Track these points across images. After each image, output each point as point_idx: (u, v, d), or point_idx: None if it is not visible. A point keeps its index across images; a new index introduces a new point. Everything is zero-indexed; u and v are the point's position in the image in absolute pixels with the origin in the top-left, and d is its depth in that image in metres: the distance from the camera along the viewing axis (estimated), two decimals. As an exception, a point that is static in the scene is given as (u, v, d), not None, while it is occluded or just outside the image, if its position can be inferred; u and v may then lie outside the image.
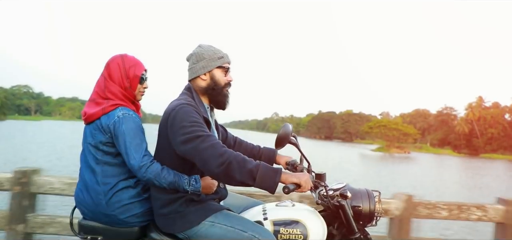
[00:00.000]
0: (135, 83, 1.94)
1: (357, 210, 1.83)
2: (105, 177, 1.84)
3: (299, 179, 1.64)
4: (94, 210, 1.86)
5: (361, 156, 48.83)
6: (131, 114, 1.86)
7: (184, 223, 1.77)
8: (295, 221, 1.80)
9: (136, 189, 1.89)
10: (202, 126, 1.70)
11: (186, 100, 1.80)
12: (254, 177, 1.59)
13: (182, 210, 1.78)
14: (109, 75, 1.92)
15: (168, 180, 1.73)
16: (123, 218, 1.84)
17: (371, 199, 1.85)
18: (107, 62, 1.95)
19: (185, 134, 1.66)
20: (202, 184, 1.80)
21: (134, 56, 2.00)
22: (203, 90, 1.90)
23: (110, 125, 1.82)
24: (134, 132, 1.81)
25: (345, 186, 1.89)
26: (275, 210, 1.88)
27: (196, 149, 1.63)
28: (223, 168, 1.59)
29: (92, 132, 1.87)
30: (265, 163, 1.64)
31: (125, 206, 1.84)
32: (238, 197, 2.19)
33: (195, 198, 1.80)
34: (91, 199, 1.86)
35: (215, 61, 1.88)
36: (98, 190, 1.84)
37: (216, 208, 1.82)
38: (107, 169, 1.85)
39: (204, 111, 1.85)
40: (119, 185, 1.85)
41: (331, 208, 1.84)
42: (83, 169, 1.91)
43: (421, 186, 20.31)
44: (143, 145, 1.80)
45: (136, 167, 1.75)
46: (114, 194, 1.83)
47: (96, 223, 1.89)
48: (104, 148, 1.85)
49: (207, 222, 1.77)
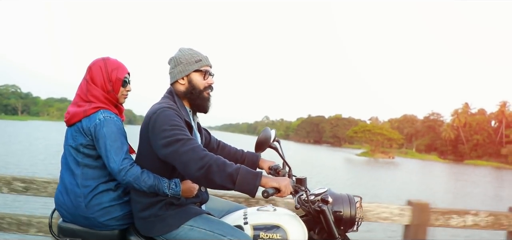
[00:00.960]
0: (117, 86, 1.94)
1: (338, 215, 1.84)
2: (85, 180, 1.83)
3: (279, 184, 1.65)
4: (74, 213, 1.85)
5: (345, 160, 49.41)
6: (112, 117, 1.86)
7: (163, 227, 1.77)
8: (275, 225, 1.81)
9: (116, 192, 1.88)
10: (183, 130, 1.71)
11: (167, 104, 1.81)
12: (234, 181, 1.59)
13: (162, 213, 1.78)
14: (91, 78, 1.91)
15: (148, 183, 1.73)
16: (103, 221, 1.84)
17: (352, 204, 1.86)
18: (89, 65, 1.95)
19: (165, 137, 1.66)
20: (182, 187, 1.80)
21: (116, 59, 2.00)
22: (182, 94, 1.91)
23: (91, 128, 1.82)
24: (115, 135, 1.80)
25: (326, 191, 1.91)
26: (256, 215, 1.89)
27: (176, 152, 1.64)
28: (203, 172, 1.59)
29: (73, 134, 1.87)
30: (245, 167, 1.65)
31: (105, 209, 1.84)
32: (220, 201, 2.19)
33: (175, 201, 1.80)
34: (70, 202, 1.85)
35: (192, 65, 1.89)
36: (78, 193, 1.83)
37: (195, 212, 1.82)
38: (87, 172, 1.85)
39: (185, 114, 1.86)
40: (99, 187, 1.84)
41: (312, 213, 1.84)
42: (63, 171, 1.91)
43: (399, 190, 20.67)
44: (123, 148, 1.80)
45: (116, 170, 1.75)
46: (94, 196, 1.83)
47: (75, 226, 1.88)
48: (85, 150, 1.85)
49: (187, 226, 1.77)
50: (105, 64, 1.93)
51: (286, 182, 1.67)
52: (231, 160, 2.12)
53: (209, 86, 1.94)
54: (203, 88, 1.91)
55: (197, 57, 1.90)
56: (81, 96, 1.90)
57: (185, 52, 1.91)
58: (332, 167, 34.23)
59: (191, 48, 1.96)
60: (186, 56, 1.90)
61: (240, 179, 1.59)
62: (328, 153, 64.73)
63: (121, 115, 2.00)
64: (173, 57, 1.93)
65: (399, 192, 20.18)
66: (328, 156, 54.62)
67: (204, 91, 1.91)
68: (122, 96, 1.99)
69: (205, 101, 1.93)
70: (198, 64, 1.89)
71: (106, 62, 1.94)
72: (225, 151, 2.28)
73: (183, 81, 1.90)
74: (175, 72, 1.90)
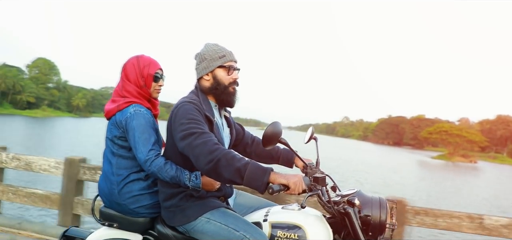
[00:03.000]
0: (149, 81, 2.04)
1: (366, 219, 1.72)
2: (118, 169, 1.95)
3: (288, 181, 1.56)
4: (110, 199, 1.99)
5: (418, 163, 46.30)
6: (142, 110, 1.95)
7: (182, 217, 1.81)
8: (295, 225, 1.74)
9: (146, 182, 1.97)
10: (199, 124, 1.72)
11: (189, 98, 1.85)
12: (242, 176, 1.56)
13: (182, 204, 1.82)
14: (125, 75, 2.04)
15: (170, 174, 1.79)
16: (133, 208, 1.93)
17: (382, 208, 1.72)
18: (124, 63, 2.08)
19: (182, 131, 1.70)
20: (203, 181, 1.82)
21: (150, 56, 2.11)
22: (207, 89, 1.93)
23: (123, 121, 1.93)
24: (143, 127, 1.89)
25: (355, 193, 1.79)
26: (279, 213, 1.84)
27: (189, 145, 1.66)
28: (212, 165, 1.59)
29: (110, 127, 2.00)
30: (255, 162, 1.60)
31: (135, 197, 1.93)
32: (249, 197, 2.17)
33: (194, 194, 1.83)
34: (107, 189, 1.99)
35: (216, 61, 1.90)
36: (112, 180, 1.96)
37: (214, 205, 1.83)
38: (121, 162, 1.96)
39: (207, 109, 1.86)
40: (130, 177, 1.95)
41: (336, 215, 1.76)
42: (104, 161, 2.05)
43: (470, 201, 18.77)
44: (151, 139, 1.88)
45: (142, 160, 1.84)
46: (126, 184, 1.94)
47: (113, 212, 2.00)
48: (119, 142, 1.96)
49: (204, 218, 1.79)
50: (137, 61, 2.06)
51: (297, 180, 1.58)
52: (266, 156, 2.16)
53: (234, 81, 1.94)
54: (228, 83, 1.92)
55: (221, 53, 1.91)
56: (117, 92, 2.05)
57: (209, 48, 1.93)
58: (394, 170, 32.64)
59: (217, 43, 1.97)
60: (210, 52, 1.92)
61: (248, 174, 1.55)
62: (401, 155, 60.92)
63: (154, 109, 2.10)
64: (198, 53, 1.96)
65: (468, 203, 18.08)
66: (398, 158, 51.71)
67: (229, 86, 1.92)
68: (155, 90, 2.09)
69: (230, 96, 1.94)
70: (222, 60, 1.90)
71: (139, 59, 2.07)
72: (260, 147, 2.25)
73: (208, 77, 1.92)
74: (200, 68, 1.94)
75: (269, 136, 1.66)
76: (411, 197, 2.81)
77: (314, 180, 1.67)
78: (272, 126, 1.67)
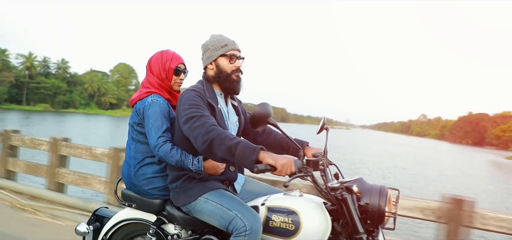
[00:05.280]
0: (170, 74, 2.18)
1: (365, 207, 1.66)
2: (136, 153, 2.12)
3: (276, 161, 1.55)
4: (128, 181, 2.16)
5: (491, 164, 41.94)
6: (159, 100, 2.08)
7: (185, 198, 1.93)
8: (291, 210, 1.74)
9: (159, 166, 2.10)
10: (199, 108, 1.81)
11: (194, 87, 1.96)
12: (233, 154, 1.60)
13: (185, 185, 1.94)
14: (150, 68, 2.21)
15: (175, 159, 1.90)
16: (147, 189, 2.09)
17: (382, 196, 1.65)
18: (149, 58, 2.24)
19: (184, 115, 1.80)
20: (206, 165, 1.91)
21: (174, 51, 2.25)
22: (212, 78, 2.01)
23: (141, 109, 2.09)
24: (157, 115, 2.02)
25: (355, 180, 1.75)
26: (278, 199, 1.86)
27: (190, 128, 1.76)
28: (206, 145, 1.66)
29: (132, 114, 2.17)
30: (246, 141, 1.63)
31: (148, 179, 2.08)
32: (257, 184, 2.21)
33: (196, 176, 1.93)
34: (126, 171, 2.17)
35: (218, 50, 1.97)
36: (130, 163, 2.13)
37: (213, 186, 1.91)
38: (138, 146, 2.13)
39: (211, 96, 1.94)
40: (145, 160, 2.10)
41: (333, 201, 1.73)
42: (126, 145, 2.23)
43: None
44: (163, 127, 2.00)
45: (152, 146, 1.98)
46: (141, 167, 2.09)
47: (132, 193, 2.16)
48: (137, 128, 2.13)
49: (203, 198, 1.88)
50: (161, 56, 2.21)
51: (285, 161, 1.56)
52: (276, 146, 2.21)
53: (237, 69, 2.00)
54: (230, 71, 1.98)
55: (223, 42, 1.98)
56: (143, 84, 2.21)
57: (213, 39, 2.02)
58: (459, 169, 30.16)
59: (221, 34, 2.04)
60: (214, 42, 2.00)
61: (239, 152, 1.58)
62: (471, 154, 55.81)
63: (174, 100, 2.22)
64: (203, 43, 2.05)
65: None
66: (470, 158, 47.38)
67: (231, 74, 1.99)
68: (175, 83, 2.22)
69: (233, 84, 2.00)
70: (224, 49, 1.97)
71: (162, 54, 2.22)
72: (271, 136, 2.28)
73: (211, 66, 2.01)
74: (205, 58, 2.03)
75: (257, 117, 1.69)
76: (474, 198, 2.58)
77: (306, 163, 1.64)
78: (260, 107, 1.70)
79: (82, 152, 4.38)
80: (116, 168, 3.88)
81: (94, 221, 2.29)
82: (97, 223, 2.28)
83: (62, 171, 4.53)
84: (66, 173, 4.51)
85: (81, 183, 4.37)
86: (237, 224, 1.74)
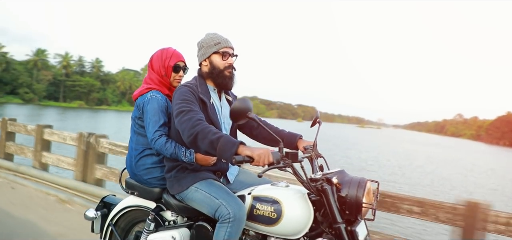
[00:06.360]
0: (169, 71, 2.28)
1: (344, 198, 1.72)
2: (137, 144, 2.25)
3: (253, 153, 1.63)
4: (130, 171, 2.31)
5: None
6: (158, 96, 2.19)
7: (178, 187, 2.04)
8: (274, 200, 1.82)
9: (158, 157, 2.23)
10: (189, 103, 1.90)
11: (187, 82, 2.06)
12: (215, 148, 1.69)
13: (178, 175, 2.06)
14: (151, 65, 2.32)
15: (169, 151, 2.02)
16: (146, 179, 2.22)
17: (360, 187, 1.71)
18: (151, 55, 2.35)
19: (176, 110, 1.91)
20: (198, 156, 2.02)
21: (175, 49, 2.35)
22: (206, 74, 2.11)
23: (141, 104, 2.21)
24: (154, 110, 2.14)
25: (336, 172, 1.81)
26: (264, 189, 1.94)
27: (179, 122, 1.86)
28: (191, 139, 1.76)
29: (134, 108, 2.30)
30: (228, 136, 1.72)
31: (147, 169, 2.21)
32: (250, 175, 2.30)
33: (188, 166, 2.04)
34: (128, 161, 2.31)
35: (211, 47, 2.07)
36: (131, 154, 2.27)
37: (203, 177, 2.01)
38: (139, 139, 2.26)
39: (203, 92, 2.04)
40: (145, 152, 2.23)
41: (313, 192, 1.79)
42: (130, 138, 2.36)
43: None
44: (160, 122, 2.11)
45: (149, 139, 2.11)
46: (141, 158, 2.23)
47: (134, 182, 2.30)
48: (138, 122, 2.25)
49: (193, 188, 1.99)
50: (162, 53, 2.31)
51: (262, 152, 1.63)
52: (270, 140, 2.28)
53: (229, 66, 2.09)
54: (223, 68, 2.07)
55: (217, 40, 2.07)
56: (145, 80, 2.33)
57: (207, 36, 2.11)
58: (484, 171, 29.22)
59: (216, 32, 2.13)
60: (208, 40, 2.09)
61: (220, 146, 1.67)
62: (499, 154, 53.35)
63: None
64: (198, 41, 2.14)
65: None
66: (502, 158, 45.77)
67: (224, 70, 2.08)
68: (175, 80, 2.32)
69: (226, 79, 2.09)
70: (217, 46, 2.06)
71: (163, 51, 2.32)
72: (266, 130, 2.29)
73: (205, 63, 2.10)
74: (199, 55, 2.13)
75: (236, 111, 1.75)
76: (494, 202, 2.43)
77: (285, 155, 1.71)
78: (239, 102, 1.76)
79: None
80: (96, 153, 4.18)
81: (102, 207, 2.46)
82: (105, 209, 2.45)
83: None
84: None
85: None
86: (222, 211, 1.84)
